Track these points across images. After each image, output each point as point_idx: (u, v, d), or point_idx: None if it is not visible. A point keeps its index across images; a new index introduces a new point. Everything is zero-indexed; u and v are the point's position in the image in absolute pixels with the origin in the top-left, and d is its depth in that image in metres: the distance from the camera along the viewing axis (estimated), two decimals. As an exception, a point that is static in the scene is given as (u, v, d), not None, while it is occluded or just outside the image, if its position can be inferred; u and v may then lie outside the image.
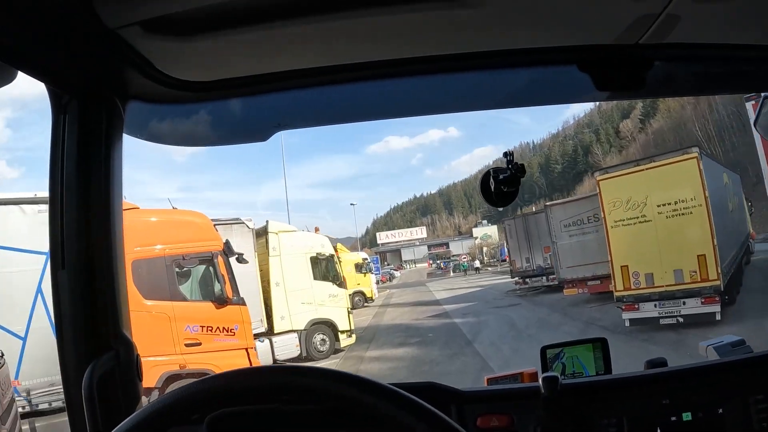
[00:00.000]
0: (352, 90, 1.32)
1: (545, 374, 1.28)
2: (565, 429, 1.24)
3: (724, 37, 1.20)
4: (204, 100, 1.29)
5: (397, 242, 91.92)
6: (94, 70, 1.08)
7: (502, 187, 1.26)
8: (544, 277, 22.81)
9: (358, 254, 29.19)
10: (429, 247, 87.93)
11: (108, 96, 1.14)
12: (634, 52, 1.20)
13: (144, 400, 1.16)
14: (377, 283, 51.95)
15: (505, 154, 1.26)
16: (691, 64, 1.35)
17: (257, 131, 1.49)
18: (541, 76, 1.35)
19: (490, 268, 51.41)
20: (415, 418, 0.70)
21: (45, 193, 1.14)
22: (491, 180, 1.26)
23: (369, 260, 31.71)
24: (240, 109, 1.37)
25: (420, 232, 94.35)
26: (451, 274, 50.97)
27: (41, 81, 1.03)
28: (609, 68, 1.24)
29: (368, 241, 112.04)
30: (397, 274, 63.32)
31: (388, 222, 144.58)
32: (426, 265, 71.05)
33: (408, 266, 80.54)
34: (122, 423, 0.72)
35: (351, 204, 70.77)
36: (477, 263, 47.41)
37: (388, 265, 78.97)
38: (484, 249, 69.46)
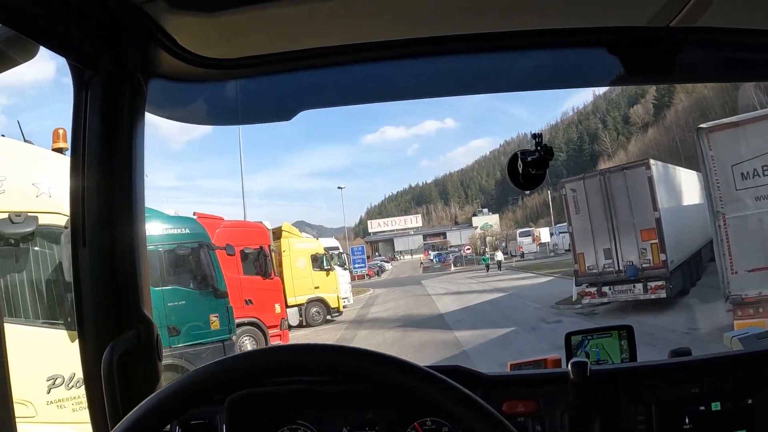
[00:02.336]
0: (376, 69, 1.27)
1: (575, 359, 1.17)
2: (593, 415, 1.15)
3: (757, 22, 1.14)
4: (227, 78, 1.24)
5: (390, 231, 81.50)
6: (117, 46, 1.03)
7: (530, 169, 1.16)
8: (639, 285, 12.05)
9: (318, 241, 18.32)
10: (425, 236, 77.71)
11: (131, 73, 1.08)
12: (664, 35, 1.14)
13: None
14: (364, 277, 41.27)
15: (534, 136, 1.16)
16: (722, 49, 1.25)
17: (281, 110, 1.42)
18: (569, 57, 1.28)
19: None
20: (451, 401, 0.66)
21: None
22: (519, 162, 1.16)
23: (339, 251, 20.82)
24: (263, 87, 1.31)
25: (415, 221, 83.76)
26: (452, 268, 40.06)
27: (64, 56, 0.98)
28: (638, 51, 1.17)
29: (361, 230, 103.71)
30: (388, 266, 52.58)
31: (382, 211, 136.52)
32: (423, 255, 60.38)
33: (402, 257, 70.34)
34: (142, 402, 0.68)
35: (338, 187, 60.38)
36: (500, 255, 35.17)
37: (379, 255, 69.08)
38: (487, 239, 58.83)
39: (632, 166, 12.58)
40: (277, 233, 16.15)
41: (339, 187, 56.86)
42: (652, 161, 12.39)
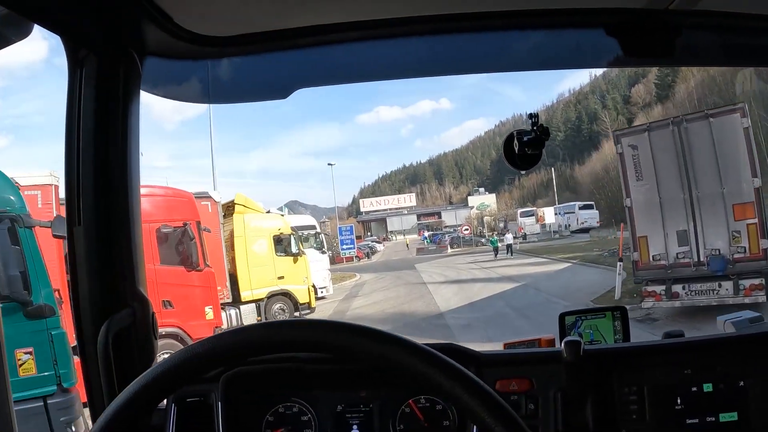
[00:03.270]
0: (373, 47, 1.24)
1: (568, 338, 1.14)
2: (586, 395, 1.12)
3: (756, 7, 1.12)
4: (223, 56, 1.21)
5: (383, 211, 77.75)
6: (111, 23, 1.00)
7: (526, 149, 1.13)
8: (728, 283, 8.31)
9: (283, 218, 14.30)
10: (418, 216, 73.87)
11: (125, 51, 1.06)
12: (663, 17, 1.12)
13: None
14: (353, 259, 37.34)
15: (530, 116, 1.15)
16: (720, 32, 1.22)
17: (277, 89, 1.36)
18: (566, 38, 1.25)
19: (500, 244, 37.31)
20: (452, 380, 0.64)
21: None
22: (515, 142, 1.14)
23: (316, 230, 16.82)
24: (260, 65, 1.28)
25: (408, 200, 79.86)
26: (449, 250, 36.21)
27: (57, 34, 0.97)
28: (636, 33, 1.14)
29: (354, 210, 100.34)
30: (380, 247, 48.87)
31: (375, 191, 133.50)
32: (417, 236, 56.66)
33: (395, 237, 66.70)
34: (137, 378, 0.67)
35: (328, 164, 56.13)
36: (510, 238, 27.79)
37: (371, 235, 65.54)
38: (485, 219, 55.11)
39: (720, 112, 8.66)
40: (230, 208, 12.22)
41: (329, 164, 52.76)
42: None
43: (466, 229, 40.50)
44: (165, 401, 1.18)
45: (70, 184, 1.03)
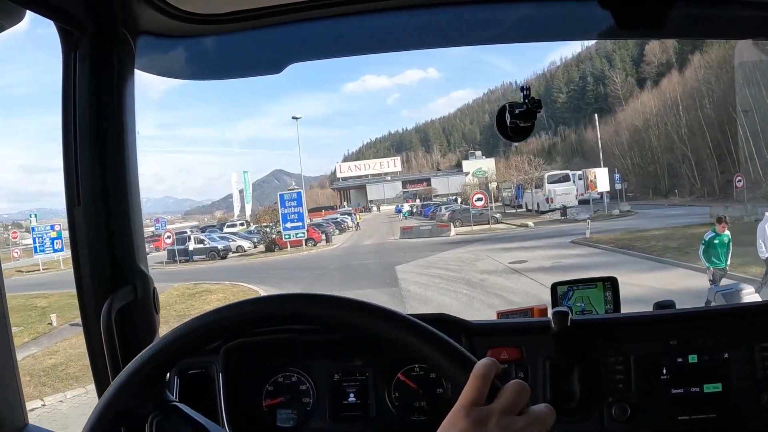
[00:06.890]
0: (365, 21, 1.20)
1: (556, 309, 1.14)
2: (573, 364, 1.12)
3: None
4: (216, 33, 1.17)
5: (363, 176, 63.36)
6: (104, 5, 1.00)
7: (518, 121, 1.10)
8: None
9: None
10: (404, 183, 59.62)
11: (118, 31, 1.04)
12: None
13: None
14: (303, 243, 22.69)
15: (522, 89, 1.11)
16: (718, 3, 1.16)
17: (270, 64, 1.35)
18: (557, 9, 1.20)
19: (531, 223, 23.39)
20: (440, 354, 0.61)
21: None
22: (507, 114, 1.10)
23: None
24: (253, 41, 1.24)
25: (393, 164, 65.47)
26: (453, 233, 22.16)
27: (50, 19, 0.94)
28: (630, 3, 1.08)
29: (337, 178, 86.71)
30: (352, 222, 34.72)
31: (359, 158, 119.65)
32: (387, 210, 42.53)
33: (376, 208, 52.67)
34: (140, 353, 0.66)
35: (293, 117, 41.62)
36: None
37: (347, 206, 51.34)
38: (491, 186, 41.03)
39: None
40: None
41: (294, 117, 38.56)
42: None
43: (479, 199, 24.96)
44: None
45: (68, 166, 1.01)
